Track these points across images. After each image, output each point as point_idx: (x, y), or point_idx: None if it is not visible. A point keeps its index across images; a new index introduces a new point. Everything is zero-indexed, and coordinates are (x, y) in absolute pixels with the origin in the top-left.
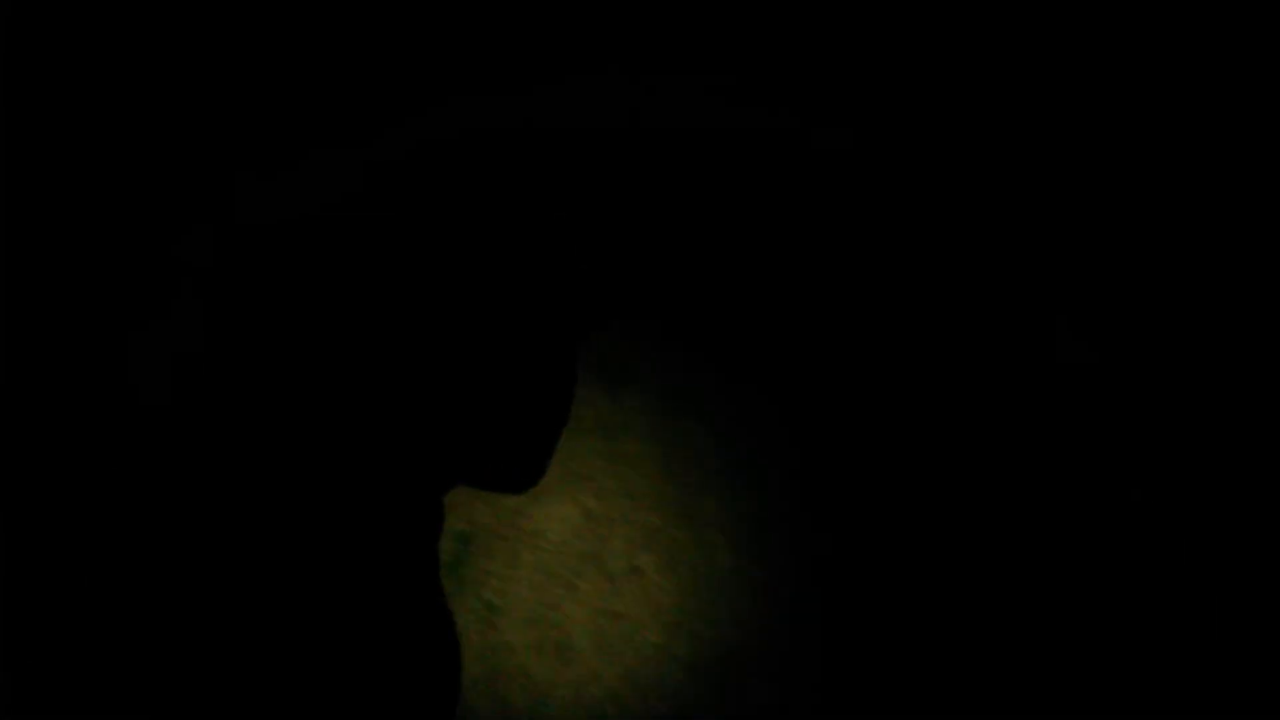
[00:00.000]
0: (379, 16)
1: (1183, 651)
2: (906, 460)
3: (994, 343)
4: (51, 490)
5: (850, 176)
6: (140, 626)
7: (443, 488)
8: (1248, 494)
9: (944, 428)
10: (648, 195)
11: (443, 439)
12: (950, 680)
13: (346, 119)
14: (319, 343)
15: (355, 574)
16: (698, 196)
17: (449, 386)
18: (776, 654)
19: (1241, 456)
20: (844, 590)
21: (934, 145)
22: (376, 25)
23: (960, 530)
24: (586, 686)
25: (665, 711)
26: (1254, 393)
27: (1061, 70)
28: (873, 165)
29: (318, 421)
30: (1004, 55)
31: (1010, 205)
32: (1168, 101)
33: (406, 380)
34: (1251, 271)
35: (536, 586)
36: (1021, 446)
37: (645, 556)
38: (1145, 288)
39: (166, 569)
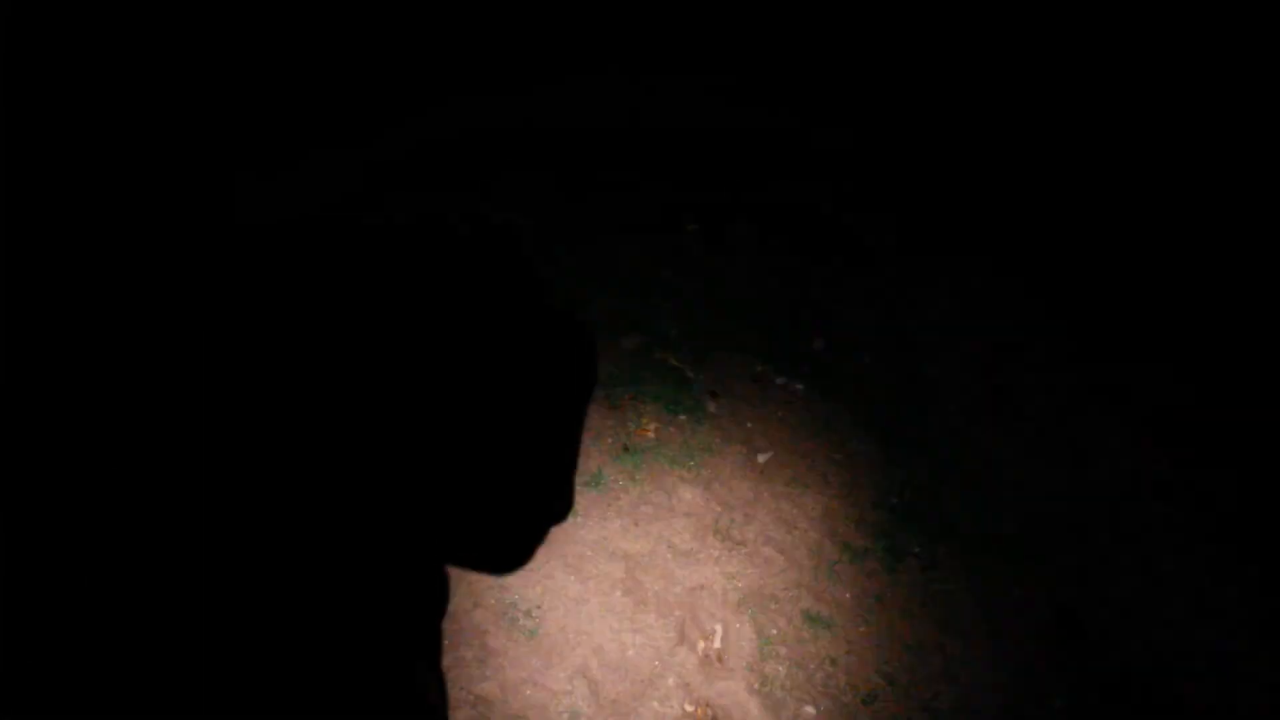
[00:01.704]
0: (379, 17)
1: None
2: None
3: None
4: (46, 492)
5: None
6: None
7: (433, 546)
8: None
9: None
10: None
11: (435, 471)
12: None
13: (346, 119)
14: (318, 349)
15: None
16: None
17: (448, 412)
18: None
19: None
20: None
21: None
22: (377, 26)
23: None
24: None
25: None
26: None
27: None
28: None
29: (311, 431)
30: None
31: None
32: (1166, 101)
33: (404, 399)
34: None
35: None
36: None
37: None
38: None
39: (148, 585)
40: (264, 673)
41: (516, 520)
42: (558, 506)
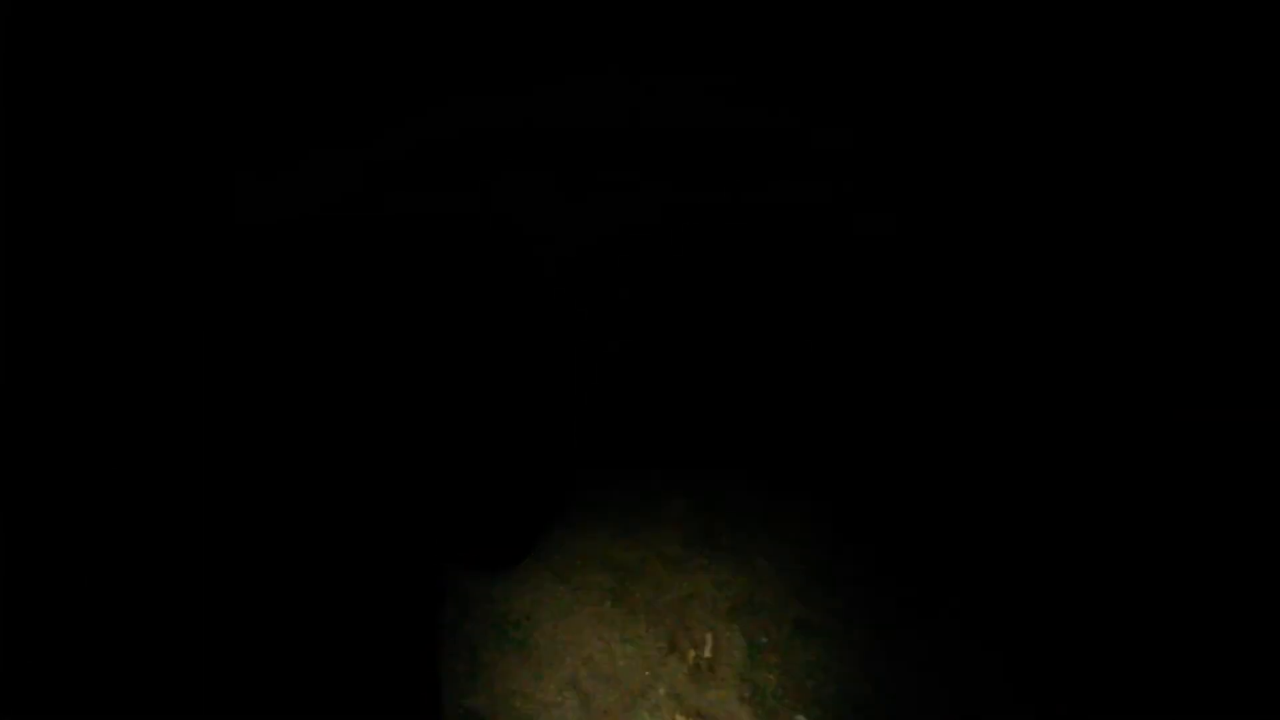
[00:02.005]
0: (379, 17)
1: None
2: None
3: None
4: (47, 493)
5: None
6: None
7: (430, 545)
8: None
9: (942, 431)
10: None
11: (432, 466)
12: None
13: (346, 119)
14: (318, 349)
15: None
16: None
17: (445, 406)
18: None
19: None
20: None
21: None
22: (377, 25)
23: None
24: None
25: None
26: None
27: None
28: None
29: (309, 431)
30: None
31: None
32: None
33: (402, 394)
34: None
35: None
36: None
37: None
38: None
39: (148, 585)
40: (263, 673)
41: (509, 521)
42: (551, 507)
